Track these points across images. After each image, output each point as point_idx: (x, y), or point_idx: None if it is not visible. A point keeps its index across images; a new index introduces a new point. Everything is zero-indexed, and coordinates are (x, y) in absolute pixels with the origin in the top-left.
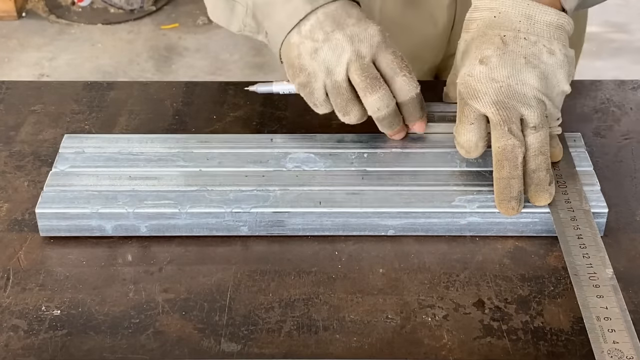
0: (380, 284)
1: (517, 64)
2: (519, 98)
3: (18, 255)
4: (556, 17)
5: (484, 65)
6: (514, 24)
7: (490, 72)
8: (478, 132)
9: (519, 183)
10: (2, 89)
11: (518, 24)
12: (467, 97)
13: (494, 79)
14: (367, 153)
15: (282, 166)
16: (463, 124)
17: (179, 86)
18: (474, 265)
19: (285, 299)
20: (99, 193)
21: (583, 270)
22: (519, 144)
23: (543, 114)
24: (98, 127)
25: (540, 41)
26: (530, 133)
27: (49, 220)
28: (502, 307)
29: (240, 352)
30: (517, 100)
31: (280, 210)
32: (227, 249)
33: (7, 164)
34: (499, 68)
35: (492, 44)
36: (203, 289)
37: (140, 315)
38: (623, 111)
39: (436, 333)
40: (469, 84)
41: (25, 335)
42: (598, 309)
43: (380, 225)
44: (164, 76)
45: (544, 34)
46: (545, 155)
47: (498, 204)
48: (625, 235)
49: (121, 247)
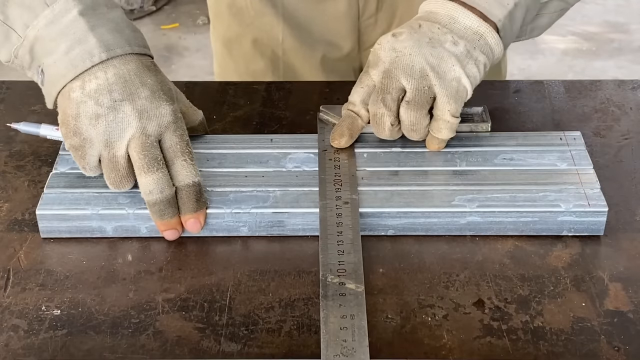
0: (380, 283)
1: (421, 41)
2: (405, 69)
3: (18, 255)
4: (477, 24)
5: (393, 38)
6: (437, 18)
7: (394, 43)
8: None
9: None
10: (2, 89)
11: (440, 19)
12: (370, 64)
13: (395, 48)
14: (367, 153)
15: (282, 166)
16: (356, 86)
17: (179, 86)
18: (473, 265)
19: (285, 299)
20: (99, 194)
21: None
22: (388, 114)
23: (421, 90)
24: None
25: (450, 34)
26: (402, 106)
27: (49, 222)
28: (502, 307)
29: (240, 352)
30: (403, 71)
31: (280, 210)
32: (227, 249)
33: (7, 164)
34: (403, 41)
35: (409, 26)
36: (203, 289)
37: (140, 315)
38: (623, 111)
39: (436, 333)
40: (375, 51)
41: (25, 335)
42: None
43: (380, 225)
44: None
45: (459, 32)
46: (419, 134)
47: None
48: (625, 235)
49: (121, 246)
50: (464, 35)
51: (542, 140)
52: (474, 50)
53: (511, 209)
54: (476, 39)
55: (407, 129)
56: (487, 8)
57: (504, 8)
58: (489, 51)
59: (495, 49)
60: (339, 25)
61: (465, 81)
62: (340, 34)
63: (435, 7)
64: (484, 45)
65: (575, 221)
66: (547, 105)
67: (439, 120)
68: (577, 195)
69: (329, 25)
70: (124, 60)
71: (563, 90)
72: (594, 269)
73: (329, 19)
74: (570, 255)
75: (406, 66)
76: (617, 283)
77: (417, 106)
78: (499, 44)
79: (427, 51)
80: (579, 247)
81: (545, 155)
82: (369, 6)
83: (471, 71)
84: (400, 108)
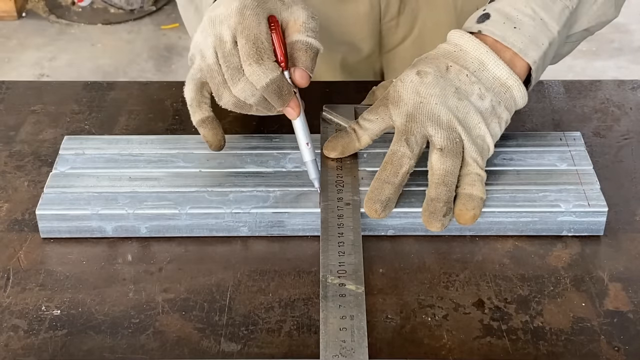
0: (380, 284)
1: (446, 89)
2: (431, 117)
3: (18, 255)
4: (505, 75)
5: (418, 77)
6: (466, 62)
7: (419, 86)
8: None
9: (391, 190)
10: (2, 89)
11: (470, 64)
12: (391, 100)
13: (419, 93)
14: (367, 153)
15: (282, 166)
16: (370, 112)
17: (179, 86)
18: (473, 265)
19: (285, 299)
20: (99, 194)
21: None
22: (409, 155)
23: (452, 140)
24: (98, 127)
25: (478, 84)
26: (435, 154)
27: (49, 222)
28: (502, 307)
29: (240, 352)
30: (429, 119)
31: (280, 210)
32: (227, 249)
33: (7, 164)
34: (428, 85)
35: (436, 66)
36: (203, 289)
37: (140, 315)
38: (623, 111)
39: (436, 333)
40: (397, 87)
41: (25, 335)
42: None
43: (380, 225)
44: (164, 76)
45: (487, 83)
46: (448, 188)
47: (365, 202)
48: (625, 235)
49: (121, 247)
50: (491, 87)
51: (542, 141)
52: (498, 106)
53: (511, 209)
54: (502, 92)
55: (438, 180)
56: (522, 49)
57: (539, 49)
58: (512, 105)
59: (519, 102)
60: (360, 27)
61: (488, 140)
62: (361, 35)
63: (467, 44)
64: (509, 99)
65: (575, 221)
66: (547, 105)
67: (471, 174)
68: (577, 195)
69: (349, 26)
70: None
71: (563, 90)
72: (593, 269)
73: (349, 20)
74: (570, 255)
75: (431, 114)
76: (617, 283)
77: (452, 154)
78: (524, 97)
79: (453, 103)
80: (579, 247)
81: (545, 156)
82: (391, 9)
83: (494, 130)
84: (432, 157)
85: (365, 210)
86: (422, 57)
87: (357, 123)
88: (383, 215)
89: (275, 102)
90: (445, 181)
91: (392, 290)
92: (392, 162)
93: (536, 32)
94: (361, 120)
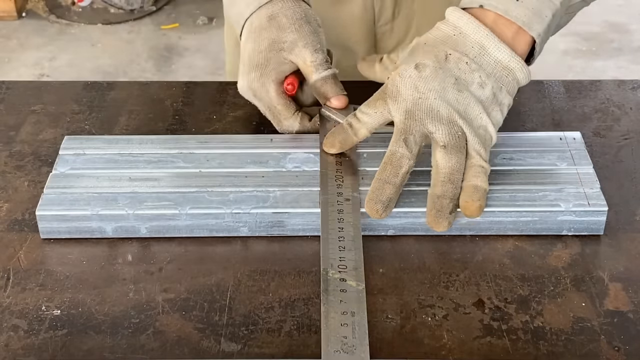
0: (380, 283)
1: (445, 82)
2: (431, 113)
3: (18, 255)
4: (508, 57)
5: (416, 71)
6: (466, 47)
7: (417, 81)
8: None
9: (392, 190)
10: (2, 89)
11: (470, 49)
12: (389, 95)
13: (418, 88)
14: (367, 153)
15: (282, 166)
16: (368, 106)
17: (179, 86)
18: (473, 265)
19: (285, 299)
20: (99, 195)
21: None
22: (408, 156)
23: (454, 134)
24: (98, 127)
25: (478, 71)
26: (439, 152)
27: (49, 223)
28: (502, 307)
29: (240, 352)
30: (428, 115)
31: (280, 210)
32: (227, 249)
33: (7, 164)
34: (427, 80)
35: (435, 56)
36: (203, 289)
37: (140, 315)
38: (623, 111)
39: (436, 333)
40: (395, 82)
41: (25, 335)
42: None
43: (380, 225)
44: (164, 76)
45: (488, 68)
46: (455, 185)
47: (366, 202)
48: (625, 235)
49: (121, 247)
50: (493, 72)
51: (542, 140)
52: (499, 92)
53: (511, 209)
54: (505, 75)
55: (444, 178)
56: (526, 22)
57: (543, 21)
58: (514, 88)
59: (522, 82)
60: (354, 29)
61: (491, 129)
62: (355, 38)
63: (466, 27)
64: (512, 82)
65: (575, 221)
66: (547, 105)
67: (475, 166)
68: (577, 195)
69: (344, 28)
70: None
71: (563, 90)
72: (594, 268)
73: (343, 22)
74: (570, 255)
75: (431, 110)
76: (617, 283)
77: (456, 150)
78: (527, 77)
79: (453, 96)
80: (579, 247)
81: (545, 155)
82: (385, 12)
83: (496, 118)
84: (436, 155)
85: (366, 210)
86: (420, 42)
87: (354, 116)
88: (384, 215)
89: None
90: (451, 179)
91: (392, 290)
92: (391, 163)
93: (539, 4)
94: (359, 113)
